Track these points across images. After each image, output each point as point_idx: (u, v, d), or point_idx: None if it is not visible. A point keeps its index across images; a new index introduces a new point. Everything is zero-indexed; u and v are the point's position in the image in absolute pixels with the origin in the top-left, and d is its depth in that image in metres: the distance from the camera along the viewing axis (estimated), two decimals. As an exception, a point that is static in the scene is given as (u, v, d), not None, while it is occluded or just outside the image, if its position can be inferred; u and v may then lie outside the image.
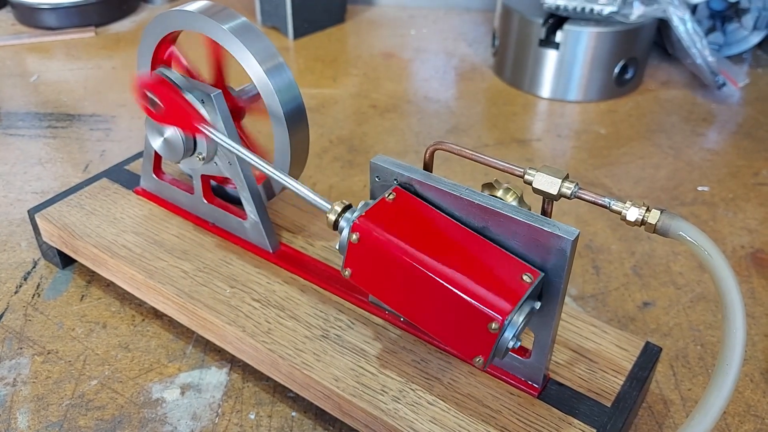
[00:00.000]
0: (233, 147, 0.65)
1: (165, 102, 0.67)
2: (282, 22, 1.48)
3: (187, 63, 0.73)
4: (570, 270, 0.53)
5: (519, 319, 0.50)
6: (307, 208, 0.80)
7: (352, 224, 0.55)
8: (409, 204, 0.56)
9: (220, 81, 0.72)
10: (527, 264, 0.52)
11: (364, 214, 0.55)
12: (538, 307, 0.52)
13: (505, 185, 0.57)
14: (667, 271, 0.86)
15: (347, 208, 0.57)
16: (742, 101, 1.27)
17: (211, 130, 0.66)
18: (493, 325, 0.49)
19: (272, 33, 1.50)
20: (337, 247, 0.57)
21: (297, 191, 0.62)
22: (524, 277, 0.51)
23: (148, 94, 0.67)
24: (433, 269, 0.52)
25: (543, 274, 0.52)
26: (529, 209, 0.56)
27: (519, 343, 0.52)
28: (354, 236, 0.55)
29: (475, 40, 1.50)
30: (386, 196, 0.57)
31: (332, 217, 0.57)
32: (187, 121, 0.67)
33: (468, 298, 0.50)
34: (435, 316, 0.53)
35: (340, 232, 0.57)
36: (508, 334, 0.50)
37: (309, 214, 0.79)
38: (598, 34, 1.19)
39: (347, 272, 0.57)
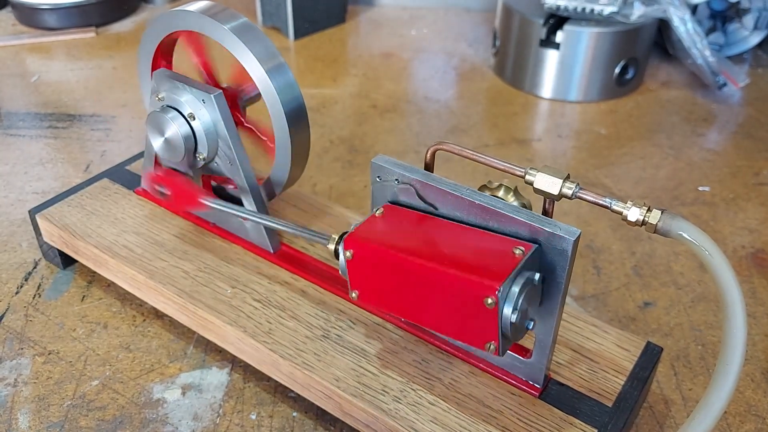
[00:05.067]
0: (232, 210, 0.69)
1: (172, 189, 0.72)
2: (283, 23, 1.48)
3: (201, 61, 0.72)
4: (571, 270, 0.53)
5: (515, 290, 0.49)
6: (308, 208, 0.80)
7: (343, 243, 0.56)
8: (398, 215, 0.58)
9: (214, 82, 0.72)
10: (520, 240, 0.52)
11: (353, 231, 0.56)
12: (537, 278, 0.51)
13: (497, 183, 0.57)
14: (667, 271, 0.86)
15: (344, 234, 0.59)
16: (742, 101, 1.27)
17: (212, 201, 0.70)
18: (489, 300, 0.49)
19: (273, 33, 1.50)
20: (340, 272, 0.59)
21: (296, 233, 0.64)
22: (515, 251, 0.51)
23: (157, 187, 0.74)
24: (424, 259, 0.52)
25: (536, 245, 0.52)
26: (528, 203, 0.56)
27: (531, 324, 0.52)
28: (348, 253, 0.56)
29: (476, 40, 1.50)
30: (375, 212, 0.58)
31: (332, 247, 0.60)
32: (193, 199, 0.71)
33: (460, 277, 0.50)
34: (438, 311, 0.53)
35: (338, 257, 0.59)
36: (508, 308, 0.49)
37: (309, 214, 0.79)
38: (599, 35, 1.19)
39: (354, 294, 0.58)
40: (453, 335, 0.54)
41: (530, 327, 0.53)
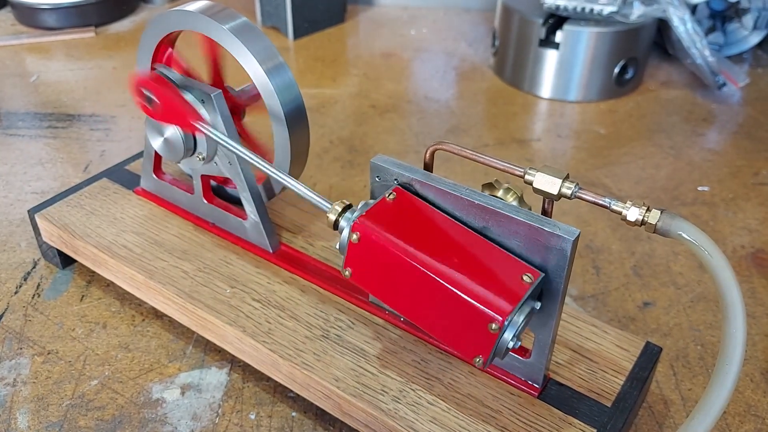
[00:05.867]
0: (231, 145, 0.65)
1: (162, 99, 0.67)
2: (282, 23, 1.48)
3: (187, 63, 0.73)
4: (570, 270, 0.53)
5: (519, 319, 0.50)
6: (308, 208, 0.80)
7: (352, 224, 0.55)
8: (410, 204, 0.56)
9: (218, 81, 0.72)
10: (528, 264, 0.52)
11: (364, 213, 0.55)
12: (538, 308, 0.52)
13: (506, 185, 0.57)
14: (667, 271, 0.86)
15: (347, 207, 0.57)
16: (742, 101, 1.27)
17: (208, 127, 0.66)
18: (494, 326, 0.49)
19: (272, 33, 1.50)
20: (337, 246, 0.57)
21: (297, 191, 0.62)
22: (524, 278, 0.51)
23: (145, 91, 0.67)
24: (433, 269, 0.52)
25: (543, 274, 0.52)
26: (530, 209, 0.56)
27: (519, 344, 0.52)
28: (354, 236, 0.55)
29: (475, 40, 1.50)
30: (387, 196, 0.57)
31: (333, 217, 0.57)
32: (184, 118, 0.67)
33: (468, 299, 0.50)
34: (435, 316, 0.53)
35: (341, 232, 0.57)
36: (508, 334, 0.50)
37: (309, 214, 0.79)
38: (598, 34, 1.19)
39: (347, 272, 0.57)
40: (443, 339, 0.54)
41: (517, 346, 0.52)
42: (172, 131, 0.68)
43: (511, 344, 0.50)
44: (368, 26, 1.56)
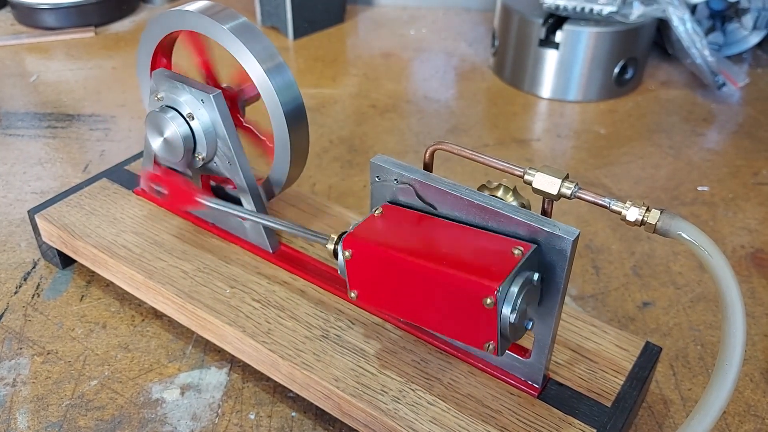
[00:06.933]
0: (227, 209, 0.69)
1: (169, 189, 0.72)
2: (282, 22, 1.48)
3: (203, 57, 0.72)
4: (570, 270, 0.53)
5: (514, 290, 0.49)
6: (307, 208, 0.80)
7: (342, 243, 0.56)
8: (397, 214, 0.57)
9: (213, 81, 0.72)
10: (519, 240, 0.52)
11: (352, 230, 0.56)
12: (536, 279, 0.52)
13: (496, 183, 0.57)
14: (667, 271, 0.86)
15: (343, 234, 0.59)
16: (742, 101, 1.27)
17: (209, 200, 0.69)
18: (488, 300, 0.49)
19: (272, 33, 1.50)
20: (339, 272, 0.58)
21: (295, 232, 0.64)
22: (514, 251, 0.51)
23: (154, 186, 0.75)
24: (424, 258, 0.52)
25: (535, 246, 0.52)
26: (528, 202, 0.56)
27: (530, 324, 0.52)
28: (347, 253, 0.56)
29: (475, 40, 1.50)
30: (374, 212, 0.58)
31: (331, 247, 0.60)
32: (189, 198, 0.70)
33: (458, 275, 0.50)
34: (437, 311, 0.53)
35: (338, 257, 0.58)
36: (507, 309, 0.49)
37: (309, 214, 0.79)
38: (598, 34, 1.19)
39: (353, 294, 0.58)
40: (452, 335, 0.54)
41: (529, 327, 0.53)
42: (172, 131, 0.68)
43: (512, 319, 0.49)
44: (368, 26, 1.56)
